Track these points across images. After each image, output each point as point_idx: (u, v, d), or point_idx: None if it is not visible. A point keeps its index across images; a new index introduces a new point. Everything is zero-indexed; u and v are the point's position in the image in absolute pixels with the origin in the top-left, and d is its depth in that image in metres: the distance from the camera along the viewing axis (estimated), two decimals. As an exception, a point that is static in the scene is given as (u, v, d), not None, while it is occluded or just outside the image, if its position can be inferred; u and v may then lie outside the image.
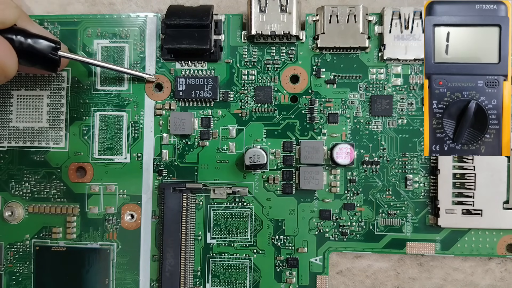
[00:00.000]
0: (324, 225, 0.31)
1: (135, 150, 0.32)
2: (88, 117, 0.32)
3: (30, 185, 0.32)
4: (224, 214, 0.31)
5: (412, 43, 0.30)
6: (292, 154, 0.31)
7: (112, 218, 0.32)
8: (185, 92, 0.31)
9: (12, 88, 0.32)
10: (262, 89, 0.31)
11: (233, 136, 0.31)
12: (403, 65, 0.30)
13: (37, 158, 0.32)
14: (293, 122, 0.31)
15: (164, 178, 0.32)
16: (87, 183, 0.32)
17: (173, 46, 0.30)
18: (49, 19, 0.32)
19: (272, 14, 0.30)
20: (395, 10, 0.30)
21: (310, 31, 0.31)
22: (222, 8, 0.33)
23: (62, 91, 0.32)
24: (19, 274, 0.32)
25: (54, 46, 0.27)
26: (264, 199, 0.31)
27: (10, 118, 0.32)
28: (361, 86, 0.31)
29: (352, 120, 0.31)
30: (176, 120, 0.31)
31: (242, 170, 0.31)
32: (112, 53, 0.32)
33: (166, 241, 0.30)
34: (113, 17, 0.32)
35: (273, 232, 0.31)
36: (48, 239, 0.32)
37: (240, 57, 0.31)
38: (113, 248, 0.32)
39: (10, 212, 0.32)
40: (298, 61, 0.31)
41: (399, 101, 0.31)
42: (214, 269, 0.31)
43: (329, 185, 0.31)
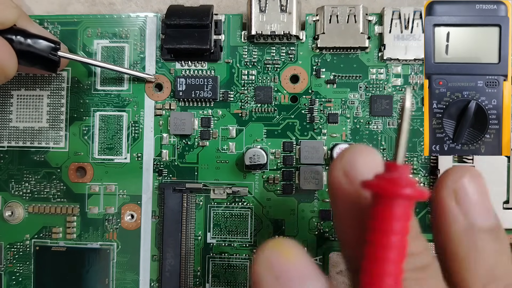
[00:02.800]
0: (324, 225, 0.31)
1: (135, 150, 0.32)
2: (88, 117, 0.32)
3: (30, 185, 0.32)
4: (224, 214, 0.31)
5: (412, 43, 0.30)
6: (292, 154, 0.31)
7: (112, 218, 0.32)
8: (185, 92, 0.31)
9: (12, 88, 0.32)
10: (262, 89, 0.31)
11: (233, 136, 0.31)
12: (403, 65, 0.30)
13: (37, 158, 0.32)
14: (293, 122, 0.31)
15: (164, 178, 0.32)
16: (87, 183, 0.32)
17: (173, 46, 0.30)
18: (49, 19, 0.32)
19: (272, 14, 0.30)
20: (395, 10, 0.30)
21: (310, 31, 0.31)
22: (222, 8, 0.33)
23: (62, 91, 0.32)
24: (19, 274, 0.32)
25: (54, 46, 0.27)
26: (264, 199, 0.31)
27: (10, 118, 0.32)
28: (361, 86, 0.31)
29: (352, 120, 0.31)
30: (176, 120, 0.31)
31: (242, 170, 0.31)
32: (112, 53, 0.32)
33: (166, 241, 0.30)
34: (113, 17, 0.32)
35: (273, 232, 0.31)
36: (48, 239, 0.32)
37: (240, 57, 0.31)
38: (113, 248, 0.32)
39: (10, 212, 0.32)
40: (298, 61, 0.31)
41: (399, 101, 0.31)
42: (214, 269, 0.31)
43: (329, 185, 0.31)
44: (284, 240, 0.16)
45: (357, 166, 0.17)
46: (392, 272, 0.15)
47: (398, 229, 0.15)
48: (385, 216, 0.15)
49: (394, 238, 0.15)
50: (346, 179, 0.17)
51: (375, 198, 0.15)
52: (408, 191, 0.15)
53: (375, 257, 0.15)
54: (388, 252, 0.15)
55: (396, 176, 0.15)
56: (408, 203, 0.15)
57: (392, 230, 0.15)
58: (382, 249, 0.15)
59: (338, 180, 0.17)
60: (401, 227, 0.15)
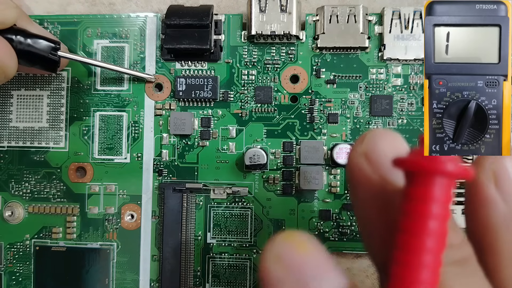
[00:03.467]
0: (324, 225, 0.31)
1: (135, 150, 0.32)
2: (88, 117, 0.32)
3: (30, 185, 0.32)
4: (224, 214, 0.31)
5: (412, 43, 0.30)
6: (292, 154, 0.31)
7: (112, 218, 0.32)
8: (185, 92, 0.31)
9: (12, 88, 0.32)
10: (262, 89, 0.31)
11: (233, 136, 0.31)
12: (403, 65, 0.30)
13: (37, 158, 0.32)
14: (293, 122, 0.31)
15: (164, 178, 0.32)
16: (87, 183, 0.32)
17: (173, 46, 0.30)
18: (49, 19, 0.32)
19: (272, 14, 0.30)
20: (395, 10, 0.30)
21: (310, 31, 0.31)
22: (222, 8, 0.33)
23: (62, 91, 0.32)
24: (19, 274, 0.32)
25: (53, 46, 0.27)
26: (264, 199, 0.31)
27: (10, 118, 0.32)
28: (361, 86, 0.31)
29: (352, 120, 0.31)
30: (176, 120, 0.31)
31: (242, 170, 0.31)
32: (112, 53, 0.32)
33: (166, 241, 0.30)
34: (113, 17, 0.32)
35: (273, 232, 0.31)
36: (48, 239, 0.32)
37: (240, 57, 0.31)
38: (113, 248, 0.32)
39: (10, 212, 0.32)
40: (298, 61, 0.31)
41: (399, 101, 0.31)
42: (214, 269, 0.31)
43: (329, 185, 0.31)
44: (296, 232, 0.14)
45: (379, 149, 0.15)
46: (429, 264, 0.13)
47: (438, 213, 0.13)
48: (422, 197, 0.13)
49: (433, 223, 0.13)
50: (368, 164, 0.15)
51: (410, 177, 0.13)
52: (450, 167, 0.13)
53: (410, 245, 0.13)
54: (425, 239, 0.13)
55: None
56: (449, 181, 0.13)
57: (430, 214, 0.13)
58: (419, 236, 0.13)
59: (359, 165, 0.15)
60: (441, 211, 0.13)
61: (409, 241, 0.13)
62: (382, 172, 0.15)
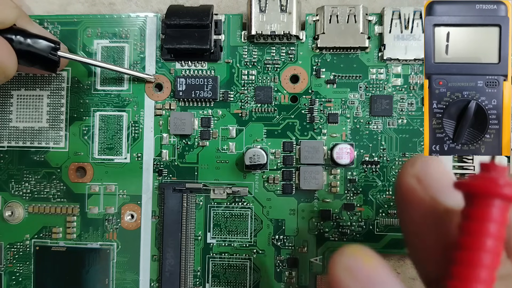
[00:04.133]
0: (324, 225, 0.31)
1: (135, 150, 0.32)
2: (88, 117, 0.32)
3: (30, 185, 0.32)
4: (224, 214, 0.31)
5: (412, 43, 0.30)
6: (292, 154, 0.31)
7: (112, 218, 0.32)
8: (185, 92, 0.31)
9: (12, 88, 0.32)
10: (262, 89, 0.31)
11: (233, 136, 0.31)
12: (403, 65, 0.30)
13: (37, 158, 0.32)
14: (293, 122, 0.31)
15: (164, 178, 0.32)
16: (87, 183, 0.32)
17: (173, 46, 0.30)
18: (49, 19, 0.32)
19: (272, 14, 0.30)
20: (395, 10, 0.30)
21: (310, 31, 0.31)
22: (222, 8, 0.33)
23: (62, 91, 0.32)
24: (19, 274, 0.32)
25: (53, 46, 0.27)
26: (264, 199, 0.31)
27: (10, 118, 0.32)
28: (361, 86, 0.31)
29: (352, 120, 0.31)
30: (176, 120, 0.31)
31: (242, 170, 0.31)
32: (112, 53, 0.32)
33: (166, 241, 0.30)
34: (113, 17, 0.32)
35: (273, 232, 0.31)
36: (48, 239, 0.32)
37: (240, 57, 0.31)
38: (113, 248, 0.32)
39: (10, 212, 0.32)
40: (298, 61, 0.31)
41: (399, 101, 0.31)
42: (214, 269, 0.31)
43: (329, 185, 0.31)
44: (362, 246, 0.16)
45: (430, 172, 0.17)
46: (485, 278, 0.14)
47: (495, 232, 0.14)
48: (481, 217, 0.14)
49: (490, 242, 0.14)
50: (419, 185, 0.17)
51: (470, 198, 0.15)
52: (508, 191, 0.14)
53: (468, 261, 0.14)
54: (483, 256, 0.14)
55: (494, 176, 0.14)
56: (506, 204, 0.14)
57: (488, 233, 0.14)
58: (477, 253, 0.14)
59: (411, 186, 0.17)
60: (498, 231, 0.14)
61: (468, 257, 0.14)
62: (433, 193, 0.17)
